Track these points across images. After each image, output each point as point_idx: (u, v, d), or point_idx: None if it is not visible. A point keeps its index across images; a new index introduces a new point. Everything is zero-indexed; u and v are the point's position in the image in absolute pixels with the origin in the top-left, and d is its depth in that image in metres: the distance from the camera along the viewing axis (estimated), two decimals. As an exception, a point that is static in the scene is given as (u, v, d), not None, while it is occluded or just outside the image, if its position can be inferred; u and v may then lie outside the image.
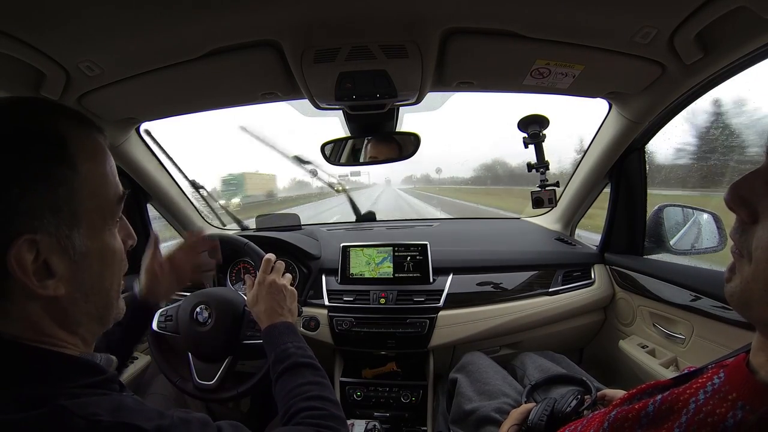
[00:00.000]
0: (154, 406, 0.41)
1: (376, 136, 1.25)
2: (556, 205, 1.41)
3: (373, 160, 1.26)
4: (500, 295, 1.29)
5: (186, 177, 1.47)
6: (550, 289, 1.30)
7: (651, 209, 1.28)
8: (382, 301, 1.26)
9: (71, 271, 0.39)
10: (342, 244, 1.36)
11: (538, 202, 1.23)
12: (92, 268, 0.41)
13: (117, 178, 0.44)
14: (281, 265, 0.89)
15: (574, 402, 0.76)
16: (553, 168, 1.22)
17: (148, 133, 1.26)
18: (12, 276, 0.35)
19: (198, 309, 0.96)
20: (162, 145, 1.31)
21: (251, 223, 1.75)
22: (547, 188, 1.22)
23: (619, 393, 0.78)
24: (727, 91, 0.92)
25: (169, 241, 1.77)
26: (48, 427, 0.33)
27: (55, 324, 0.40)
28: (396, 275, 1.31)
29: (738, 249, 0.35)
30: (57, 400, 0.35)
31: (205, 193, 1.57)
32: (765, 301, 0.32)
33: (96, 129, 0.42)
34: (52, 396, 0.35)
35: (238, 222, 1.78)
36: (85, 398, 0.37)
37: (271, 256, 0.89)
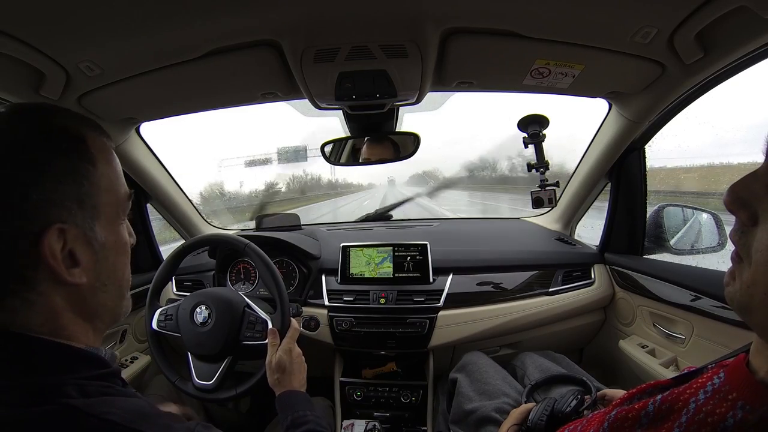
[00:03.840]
0: (168, 411, 0.43)
1: (376, 136, 1.25)
2: (556, 205, 1.41)
3: (373, 161, 1.26)
4: (500, 295, 1.29)
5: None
6: (550, 289, 1.30)
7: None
8: (382, 301, 1.26)
9: (92, 261, 0.42)
10: (342, 244, 1.36)
11: (538, 202, 1.23)
12: (109, 258, 0.44)
13: (123, 178, 0.47)
14: (297, 332, 0.95)
15: (574, 402, 0.76)
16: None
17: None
18: (42, 265, 0.38)
19: (198, 309, 0.96)
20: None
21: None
22: (547, 188, 1.22)
23: (619, 393, 0.78)
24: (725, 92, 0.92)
25: (169, 243, 1.77)
26: (58, 425, 0.34)
27: (75, 314, 0.42)
28: (396, 275, 1.31)
29: (737, 252, 0.35)
30: (64, 392, 0.36)
31: None
32: (765, 306, 0.32)
33: (105, 133, 0.46)
34: (58, 386, 0.36)
35: None
36: (94, 397, 0.37)
37: (296, 324, 0.95)
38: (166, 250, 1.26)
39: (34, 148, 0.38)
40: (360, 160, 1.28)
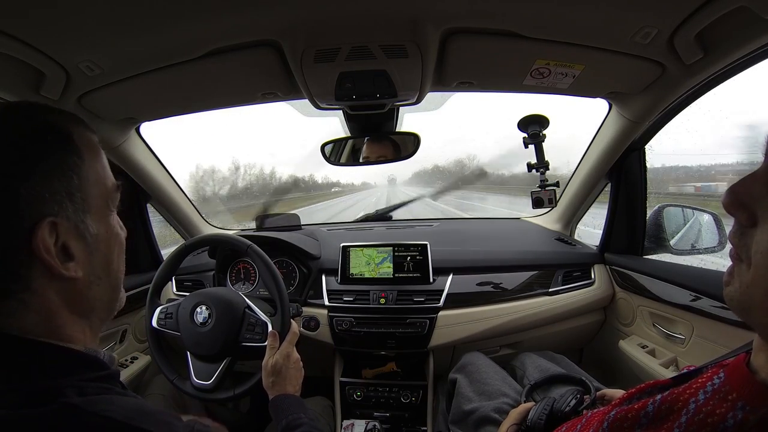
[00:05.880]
0: (168, 411, 0.43)
1: (376, 136, 1.25)
2: (556, 205, 1.41)
3: (374, 160, 1.26)
4: (500, 295, 1.29)
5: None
6: (550, 289, 1.30)
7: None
8: (382, 301, 1.26)
9: (86, 254, 0.42)
10: (342, 244, 1.36)
11: (538, 202, 1.23)
12: (101, 251, 0.44)
13: (110, 170, 0.48)
14: (297, 336, 0.95)
15: (573, 401, 0.76)
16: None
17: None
18: (35, 261, 0.38)
19: (198, 309, 0.96)
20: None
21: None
22: (547, 188, 1.22)
23: (619, 393, 0.78)
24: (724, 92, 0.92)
25: (170, 246, 1.77)
26: (59, 423, 0.34)
27: (70, 311, 0.42)
28: (396, 275, 1.31)
29: (737, 253, 0.35)
30: (63, 393, 0.35)
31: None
32: (765, 306, 0.32)
33: (89, 128, 0.46)
34: (58, 389, 0.36)
35: None
36: (93, 396, 0.37)
37: (296, 328, 0.95)
38: (165, 254, 1.26)
39: (23, 145, 0.38)
40: (360, 160, 1.28)
